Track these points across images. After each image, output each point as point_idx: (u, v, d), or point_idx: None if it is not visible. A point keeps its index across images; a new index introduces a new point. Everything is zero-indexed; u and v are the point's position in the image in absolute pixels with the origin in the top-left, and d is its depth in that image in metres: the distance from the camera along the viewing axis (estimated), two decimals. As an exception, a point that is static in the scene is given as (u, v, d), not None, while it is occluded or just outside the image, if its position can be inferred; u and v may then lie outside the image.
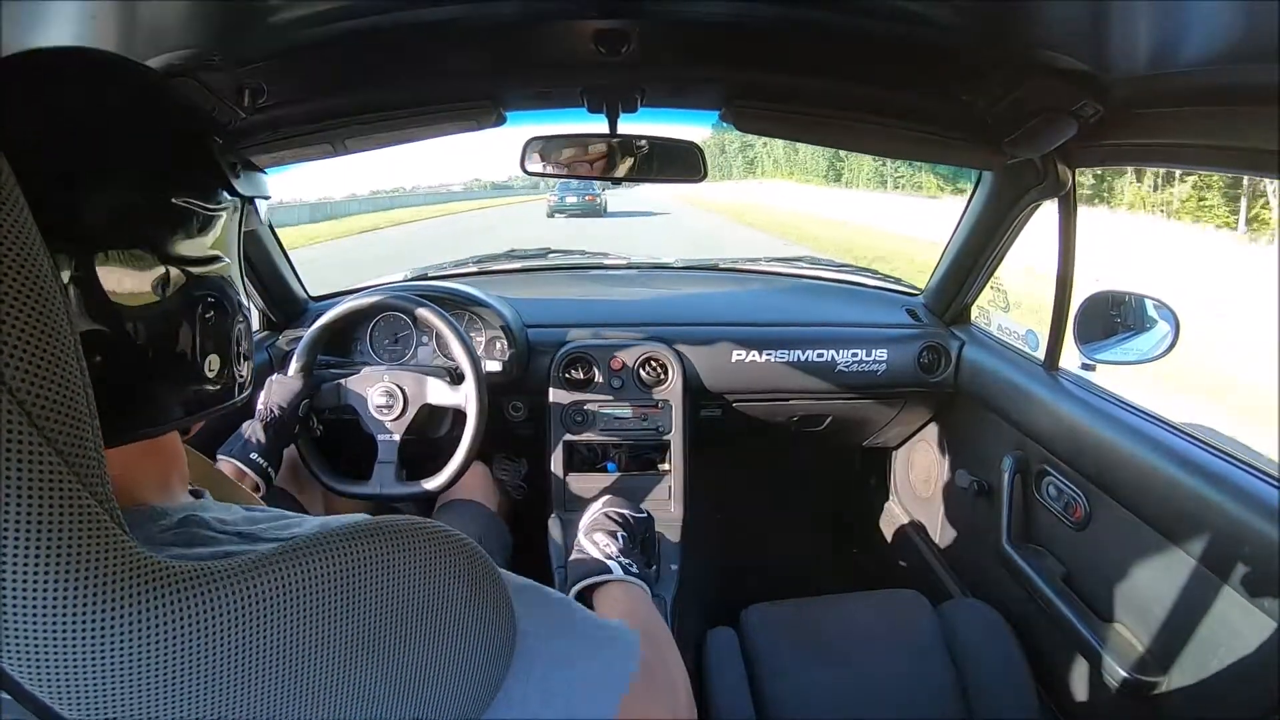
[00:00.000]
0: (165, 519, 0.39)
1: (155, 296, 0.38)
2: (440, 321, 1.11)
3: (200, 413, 0.43)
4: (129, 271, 0.36)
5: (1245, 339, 5.20)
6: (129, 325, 0.37)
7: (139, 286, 0.37)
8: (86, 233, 0.35)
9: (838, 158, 25.29)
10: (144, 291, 0.37)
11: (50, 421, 0.27)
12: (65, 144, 0.35)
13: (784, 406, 1.51)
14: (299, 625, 0.32)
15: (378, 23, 0.76)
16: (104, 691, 0.28)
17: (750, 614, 1.19)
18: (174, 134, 0.41)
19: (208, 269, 0.42)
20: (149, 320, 0.38)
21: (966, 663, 1.09)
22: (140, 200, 0.38)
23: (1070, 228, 1.11)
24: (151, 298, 0.38)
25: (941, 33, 0.76)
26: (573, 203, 16.72)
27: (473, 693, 0.38)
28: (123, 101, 0.39)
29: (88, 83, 0.38)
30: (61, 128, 0.35)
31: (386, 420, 1.13)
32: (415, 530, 0.38)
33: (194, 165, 0.42)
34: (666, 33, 0.84)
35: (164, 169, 0.40)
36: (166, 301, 0.39)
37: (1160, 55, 0.70)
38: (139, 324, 0.37)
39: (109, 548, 0.28)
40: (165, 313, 0.39)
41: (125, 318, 0.37)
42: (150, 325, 0.38)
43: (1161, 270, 7.16)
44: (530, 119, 1.08)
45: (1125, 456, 0.98)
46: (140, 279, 0.37)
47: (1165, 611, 0.93)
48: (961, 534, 1.53)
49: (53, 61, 0.37)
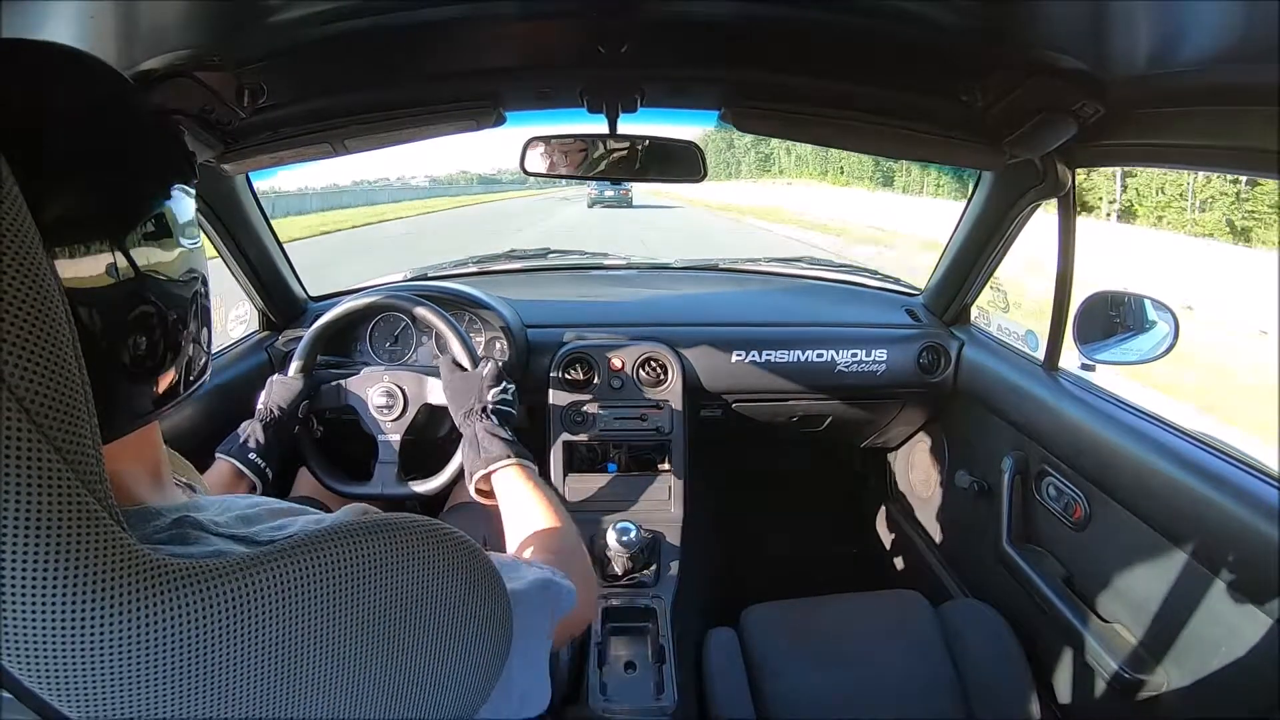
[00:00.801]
0: (159, 519, 0.39)
1: (110, 287, 0.36)
2: (440, 321, 1.11)
3: (174, 400, 0.41)
4: (88, 268, 0.34)
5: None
6: (85, 317, 0.34)
7: (96, 281, 0.35)
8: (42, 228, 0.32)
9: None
10: (101, 284, 0.35)
11: (49, 419, 0.27)
12: (19, 137, 0.33)
13: (784, 407, 1.51)
14: (298, 622, 0.32)
15: (378, 23, 0.76)
16: (104, 689, 0.28)
17: (750, 614, 1.19)
18: (133, 130, 0.39)
19: (167, 255, 0.40)
20: (107, 312, 0.36)
21: (966, 663, 1.09)
22: (95, 197, 0.36)
23: (1070, 228, 1.11)
24: (108, 289, 0.35)
25: (941, 33, 0.76)
26: (610, 195, 20.21)
27: (471, 688, 0.38)
28: (81, 98, 0.37)
29: (42, 75, 0.36)
30: (16, 120, 0.33)
31: (387, 420, 1.12)
32: (411, 528, 0.38)
33: (149, 158, 0.40)
34: (666, 32, 0.84)
35: (120, 165, 0.38)
36: (124, 291, 0.36)
37: (1160, 55, 0.70)
38: (95, 316, 0.35)
39: (108, 545, 0.28)
40: (124, 303, 0.37)
41: (83, 311, 0.34)
42: (108, 317, 0.36)
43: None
44: (530, 119, 1.08)
45: (1125, 457, 0.98)
46: (98, 274, 0.35)
47: (1164, 611, 0.93)
48: (961, 534, 1.53)
49: (8, 52, 0.35)
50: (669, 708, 0.99)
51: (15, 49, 0.36)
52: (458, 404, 0.99)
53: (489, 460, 0.87)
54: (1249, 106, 0.69)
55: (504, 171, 38.70)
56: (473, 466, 0.89)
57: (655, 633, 1.09)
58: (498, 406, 0.96)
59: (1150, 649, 0.96)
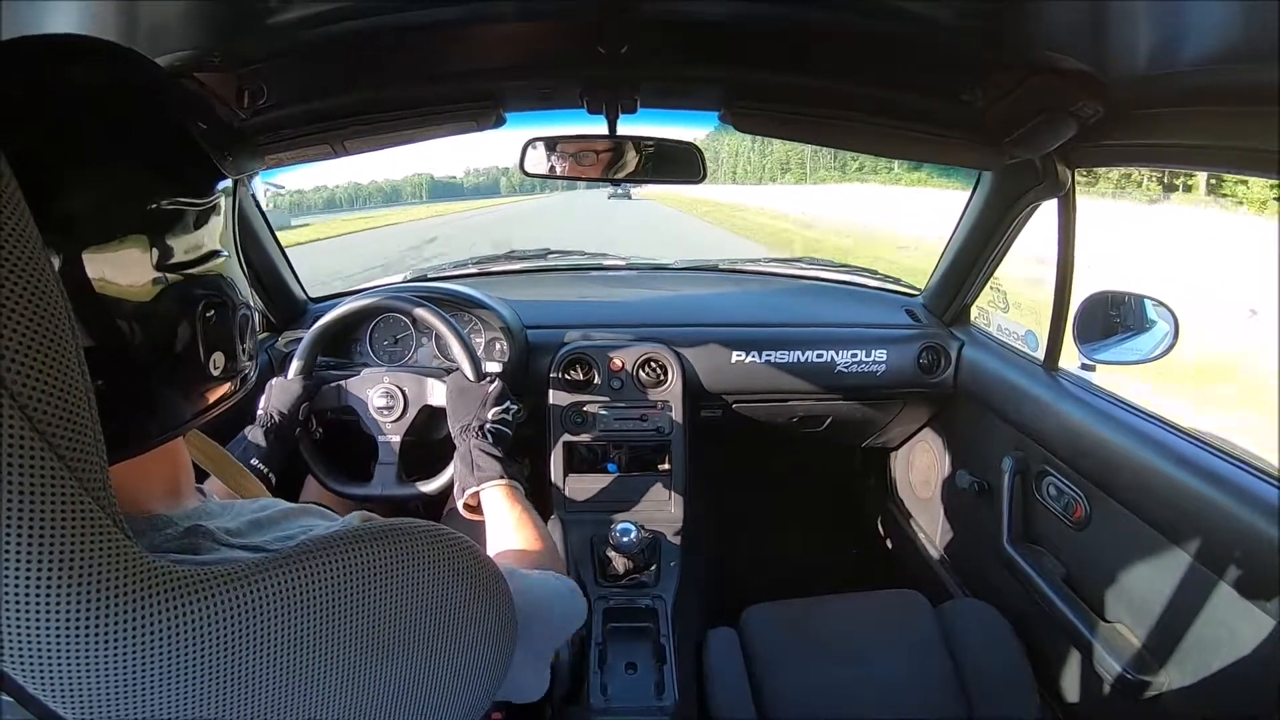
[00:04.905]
0: (171, 527, 0.38)
1: (151, 299, 0.37)
2: (440, 322, 1.11)
3: (210, 409, 0.42)
4: (122, 274, 0.35)
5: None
6: (125, 329, 0.35)
7: (135, 291, 0.36)
8: (72, 229, 0.33)
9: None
10: (141, 295, 0.36)
11: (51, 424, 0.27)
12: (50, 131, 0.33)
13: (784, 407, 1.51)
14: (301, 628, 0.32)
15: (378, 23, 0.76)
16: (106, 694, 0.28)
17: (750, 614, 1.19)
18: (168, 131, 0.40)
19: (206, 266, 0.41)
20: (148, 324, 0.37)
21: (966, 663, 1.09)
22: (128, 200, 0.36)
23: (1070, 228, 1.11)
24: (149, 301, 0.36)
25: (941, 33, 0.76)
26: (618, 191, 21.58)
27: (475, 693, 0.38)
28: (117, 92, 0.37)
29: (83, 69, 0.36)
30: (49, 114, 0.34)
31: (387, 421, 1.12)
32: (415, 534, 0.38)
33: (185, 162, 0.40)
34: (666, 32, 0.84)
35: (155, 167, 0.38)
36: (165, 304, 0.37)
37: (1160, 55, 0.70)
38: (135, 327, 0.36)
39: (110, 551, 0.28)
40: (165, 315, 0.38)
41: (122, 323, 0.35)
42: (150, 329, 0.37)
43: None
44: (530, 120, 1.08)
45: (1125, 457, 0.98)
46: (136, 284, 0.36)
47: (1165, 611, 0.93)
48: (961, 534, 1.53)
49: (45, 46, 0.36)
50: (669, 707, 0.99)
51: (50, 43, 0.36)
52: (456, 417, 0.99)
53: (480, 478, 0.88)
54: (1249, 106, 0.69)
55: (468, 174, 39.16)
56: (463, 482, 0.90)
57: (656, 633, 1.09)
58: (495, 425, 0.96)
59: (1151, 649, 0.96)
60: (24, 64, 0.35)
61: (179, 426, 0.40)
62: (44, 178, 0.31)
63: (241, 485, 0.66)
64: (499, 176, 46.52)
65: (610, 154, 1.04)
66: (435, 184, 44.49)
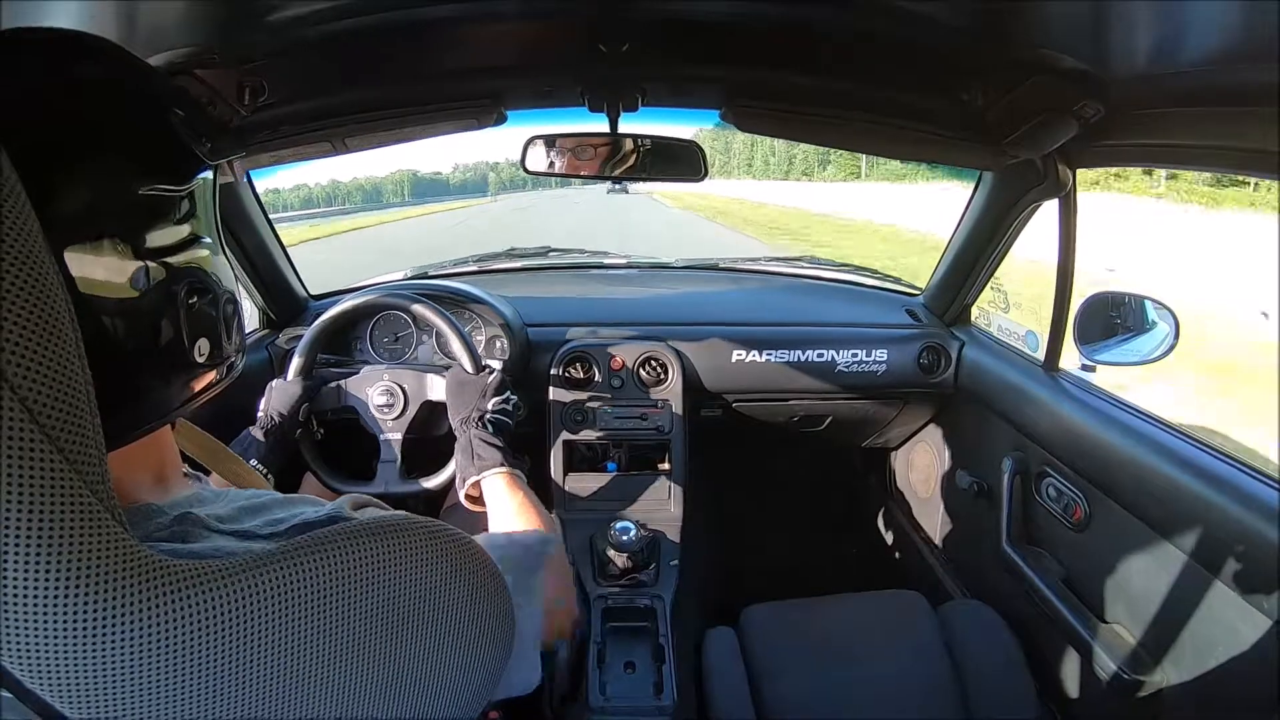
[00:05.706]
0: (161, 516, 0.39)
1: (133, 287, 0.36)
2: (439, 318, 1.11)
3: (197, 397, 0.42)
4: (102, 264, 0.35)
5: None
6: (108, 317, 0.35)
7: (116, 280, 0.35)
8: (53, 221, 0.32)
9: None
10: (123, 283, 0.36)
11: (51, 418, 0.27)
12: (31, 124, 0.33)
13: (784, 407, 1.51)
14: (299, 624, 0.32)
15: (378, 22, 0.76)
16: (104, 689, 0.28)
17: (750, 614, 1.19)
18: (146, 120, 0.39)
19: (188, 254, 0.40)
20: (131, 312, 0.36)
21: (966, 663, 1.09)
22: (108, 189, 0.36)
23: (1070, 228, 1.11)
24: (131, 289, 0.36)
25: (942, 32, 0.76)
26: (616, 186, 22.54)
27: (474, 687, 0.38)
28: (93, 85, 0.37)
29: (56, 62, 0.35)
30: (27, 107, 0.33)
31: (388, 419, 1.12)
32: (413, 529, 0.38)
33: (163, 149, 0.40)
34: (667, 31, 0.84)
35: (133, 156, 0.38)
36: (148, 292, 0.37)
37: (1160, 55, 0.70)
38: (118, 315, 0.36)
39: (109, 545, 0.28)
40: (148, 303, 0.37)
41: (104, 311, 0.35)
42: (133, 317, 0.36)
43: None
44: (531, 118, 1.08)
45: (1125, 457, 0.98)
46: (117, 273, 0.35)
47: (1164, 612, 0.93)
48: (961, 534, 1.53)
49: (24, 39, 0.36)
50: (668, 707, 0.99)
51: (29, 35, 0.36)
52: (456, 408, 0.99)
53: (481, 467, 0.88)
54: (1249, 106, 0.69)
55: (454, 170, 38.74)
56: (464, 472, 0.90)
57: (655, 632, 1.09)
58: (495, 416, 0.96)
59: (1150, 649, 0.96)
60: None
61: (165, 415, 0.40)
62: (23, 171, 0.31)
63: (238, 476, 0.66)
64: (486, 173, 46.03)
65: (611, 152, 1.04)
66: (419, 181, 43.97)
